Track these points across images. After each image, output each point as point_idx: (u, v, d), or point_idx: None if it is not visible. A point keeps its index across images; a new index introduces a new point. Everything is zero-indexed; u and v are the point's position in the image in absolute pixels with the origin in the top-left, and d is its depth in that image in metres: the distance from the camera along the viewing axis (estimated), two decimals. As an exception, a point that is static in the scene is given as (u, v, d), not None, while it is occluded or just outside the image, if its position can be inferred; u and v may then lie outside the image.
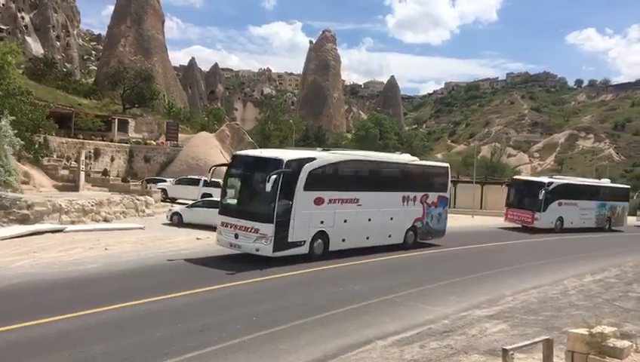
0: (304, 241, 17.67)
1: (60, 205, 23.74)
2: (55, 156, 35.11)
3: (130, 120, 60.93)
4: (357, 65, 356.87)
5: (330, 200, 18.42)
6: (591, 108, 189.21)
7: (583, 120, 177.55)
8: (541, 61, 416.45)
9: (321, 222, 18.20)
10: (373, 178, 21.28)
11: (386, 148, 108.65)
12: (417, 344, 10.05)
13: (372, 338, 10.37)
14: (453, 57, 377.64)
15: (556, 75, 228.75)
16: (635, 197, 49.58)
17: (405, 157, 24.30)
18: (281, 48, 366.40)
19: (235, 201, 18.37)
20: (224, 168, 19.51)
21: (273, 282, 15.19)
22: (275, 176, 16.31)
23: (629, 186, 45.94)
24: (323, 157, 18.91)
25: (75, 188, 30.49)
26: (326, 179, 18.57)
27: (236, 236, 17.38)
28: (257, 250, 16.93)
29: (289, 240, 17.21)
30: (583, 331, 8.05)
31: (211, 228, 25.34)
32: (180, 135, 55.95)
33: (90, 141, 45.36)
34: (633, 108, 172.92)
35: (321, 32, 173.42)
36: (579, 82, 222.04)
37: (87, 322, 10.41)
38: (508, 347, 7.18)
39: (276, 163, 17.13)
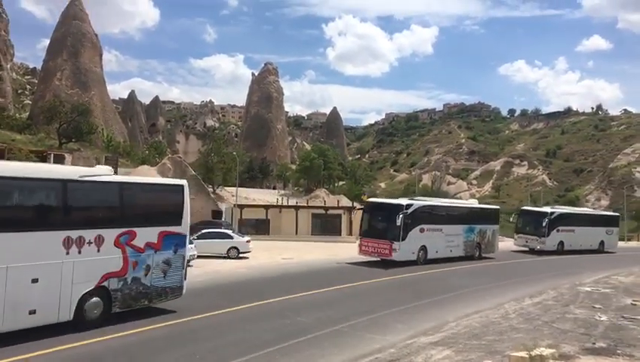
0: None
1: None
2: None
3: (66, 155, 59.06)
4: (300, 97, 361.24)
5: None
6: (524, 137, 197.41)
7: (517, 148, 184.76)
8: (475, 92, 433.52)
9: None
10: None
11: (330, 179, 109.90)
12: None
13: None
14: (392, 89, 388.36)
15: (490, 105, 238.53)
16: (511, 219, 45.50)
17: (76, 171, 14.67)
18: (223, 80, 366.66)
19: None
20: None
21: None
22: None
23: (498, 207, 41.85)
24: None
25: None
26: None
27: None
28: None
29: None
30: (523, 354, 8.31)
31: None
32: (119, 169, 54.54)
33: (24, 178, 43.64)
34: (563, 136, 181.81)
35: (263, 65, 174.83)
36: (512, 112, 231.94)
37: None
38: (452, 373, 7.30)
39: None
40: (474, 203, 39.22)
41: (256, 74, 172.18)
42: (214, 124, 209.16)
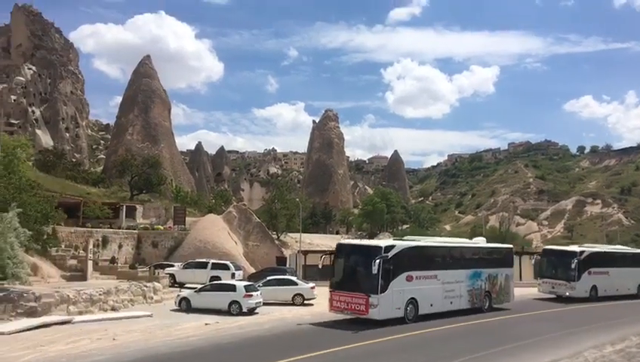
0: None
1: (68, 296, 23.62)
2: (63, 246, 35.18)
3: (137, 206, 61.38)
4: (360, 141, 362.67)
5: None
6: (595, 174, 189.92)
7: (589, 186, 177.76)
8: (541, 130, 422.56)
9: None
10: None
11: (393, 222, 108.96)
12: None
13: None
14: (453, 130, 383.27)
15: (557, 142, 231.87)
16: (532, 260, 39.74)
17: None
18: (284, 128, 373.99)
19: None
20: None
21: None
22: None
23: (511, 246, 34.97)
24: None
25: (83, 277, 30.40)
26: None
27: None
28: None
29: None
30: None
31: (220, 312, 25.19)
32: (187, 218, 56.17)
33: (99, 229, 45.56)
34: (638, 172, 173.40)
35: (323, 111, 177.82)
36: (581, 149, 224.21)
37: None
38: None
39: None
40: (481, 241, 32.39)
41: (317, 121, 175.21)
42: (277, 171, 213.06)
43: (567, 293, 33.94)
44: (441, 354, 17.18)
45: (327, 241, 71.96)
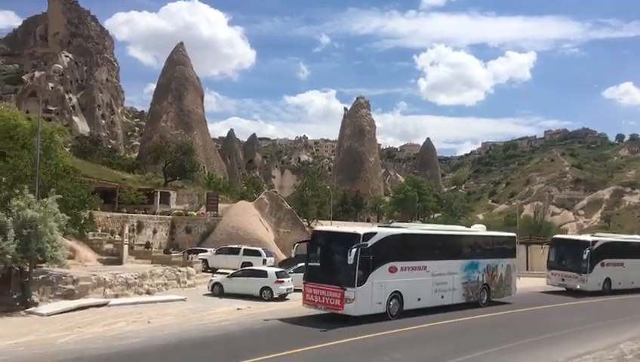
0: None
1: (104, 279, 24.17)
2: (100, 231, 35.94)
3: (171, 192, 62.26)
4: (392, 129, 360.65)
5: None
6: (635, 163, 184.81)
7: (628, 175, 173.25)
8: (578, 117, 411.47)
9: None
10: None
11: (425, 211, 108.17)
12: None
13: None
14: (487, 117, 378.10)
15: (596, 130, 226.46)
16: (542, 250, 37.10)
17: None
18: (316, 116, 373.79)
19: None
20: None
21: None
22: None
23: (513, 234, 31.53)
24: None
25: (119, 261, 31.03)
26: None
27: None
28: None
29: None
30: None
31: (252, 297, 25.44)
32: (219, 205, 56.67)
33: (134, 214, 46.37)
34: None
35: (354, 99, 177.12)
36: (620, 137, 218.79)
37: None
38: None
39: None
40: (480, 229, 29.81)
41: (348, 108, 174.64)
42: (308, 158, 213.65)
43: (578, 286, 31.64)
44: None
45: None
